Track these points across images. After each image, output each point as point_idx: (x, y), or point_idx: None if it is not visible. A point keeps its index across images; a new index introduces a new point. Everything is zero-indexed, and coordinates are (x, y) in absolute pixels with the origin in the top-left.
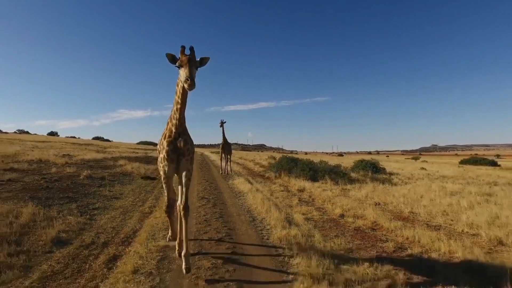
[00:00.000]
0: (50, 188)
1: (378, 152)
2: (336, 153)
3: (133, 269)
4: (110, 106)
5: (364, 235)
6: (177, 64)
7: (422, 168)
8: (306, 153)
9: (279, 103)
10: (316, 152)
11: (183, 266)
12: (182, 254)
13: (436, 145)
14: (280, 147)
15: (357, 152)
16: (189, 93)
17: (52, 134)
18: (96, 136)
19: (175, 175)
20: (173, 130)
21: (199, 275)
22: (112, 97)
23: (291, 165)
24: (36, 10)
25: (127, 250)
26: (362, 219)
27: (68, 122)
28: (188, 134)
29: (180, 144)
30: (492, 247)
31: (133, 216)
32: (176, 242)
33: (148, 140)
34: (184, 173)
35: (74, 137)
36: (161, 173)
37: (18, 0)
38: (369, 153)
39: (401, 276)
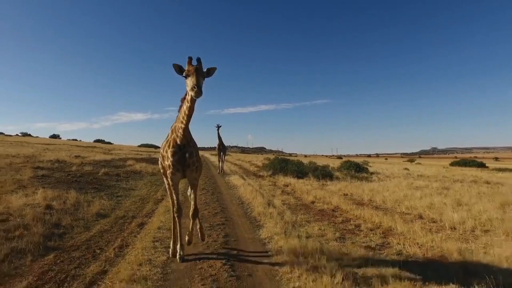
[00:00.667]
0: (78, 181)
1: (377, 155)
2: (336, 156)
3: (157, 226)
4: (110, 108)
5: (324, 214)
6: (184, 74)
7: (405, 169)
8: (305, 156)
9: (279, 106)
10: (316, 154)
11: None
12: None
13: (435, 148)
14: (280, 149)
15: (356, 155)
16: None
17: (54, 136)
18: (97, 138)
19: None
20: (177, 142)
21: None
22: (112, 99)
23: (282, 165)
24: (34, 11)
25: (150, 220)
26: (328, 204)
27: (69, 124)
28: (193, 144)
29: (185, 156)
30: (413, 219)
31: (150, 201)
32: (173, 245)
33: (150, 143)
34: (191, 182)
35: (75, 140)
36: (168, 180)
37: (17, 0)
38: (369, 155)
39: (337, 234)
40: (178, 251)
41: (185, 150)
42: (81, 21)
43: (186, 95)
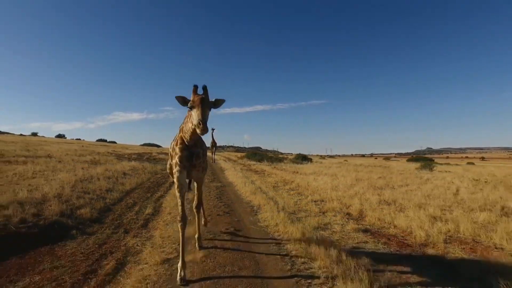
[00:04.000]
0: (143, 160)
1: (372, 155)
2: (328, 156)
3: None
4: (106, 108)
5: (259, 173)
6: (189, 105)
7: (345, 160)
8: (311, 158)
9: (275, 106)
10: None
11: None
12: (196, 237)
13: (431, 148)
14: (276, 149)
15: (352, 155)
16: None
17: (60, 136)
18: (99, 138)
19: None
20: (186, 142)
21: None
22: (107, 99)
23: (250, 156)
24: (26, 9)
25: None
26: (262, 170)
27: (64, 124)
28: (200, 144)
29: (193, 156)
30: (307, 175)
31: None
32: (181, 265)
33: (151, 142)
34: (196, 181)
35: (79, 139)
36: (175, 179)
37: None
38: (363, 155)
39: (260, 175)
40: (179, 271)
41: (192, 151)
42: (75, 19)
43: (192, 125)
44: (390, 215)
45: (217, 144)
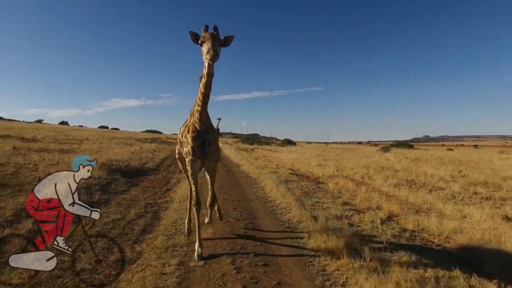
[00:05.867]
0: (158, 142)
1: (368, 142)
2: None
3: None
4: (103, 94)
5: (247, 151)
6: (199, 41)
7: (326, 144)
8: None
9: (272, 93)
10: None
11: (196, 253)
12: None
13: (428, 136)
14: (273, 136)
15: (349, 142)
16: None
17: (63, 123)
18: (101, 125)
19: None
20: (197, 127)
21: None
22: (104, 85)
23: (247, 140)
24: None
25: None
26: (252, 149)
27: (61, 111)
28: (212, 131)
29: (204, 144)
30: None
31: None
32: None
33: (153, 129)
34: (209, 172)
35: (81, 126)
36: (188, 168)
37: None
38: (360, 143)
39: (255, 156)
40: (197, 249)
41: (204, 137)
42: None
43: (203, 71)
44: (314, 170)
45: (219, 132)
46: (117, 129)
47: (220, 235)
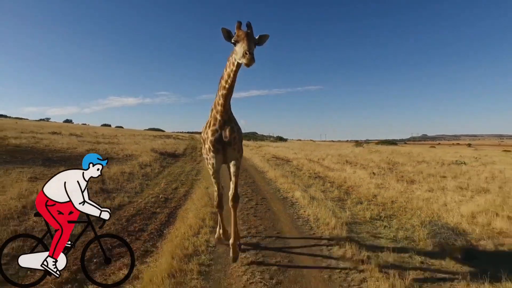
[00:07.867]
0: (171, 138)
1: (366, 140)
2: (321, 141)
3: None
4: (101, 93)
5: (245, 145)
6: (232, 40)
7: (312, 141)
8: (286, 139)
9: (271, 92)
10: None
11: (231, 255)
12: (230, 242)
13: (426, 134)
14: (271, 134)
15: (347, 141)
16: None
17: (68, 121)
18: (103, 123)
19: (223, 165)
20: (218, 118)
21: None
22: (101, 83)
23: (245, 137)
24: None
25: None
26: (255, 144)
27: (59, 109)
28: (235, 121)
29: (226, 132)
30: (273, 156)
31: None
32: (218, 230)
33: (155, 127)
34: (232, 163)
35: (85, 124)
36: (209, 166)
37: None
38: (357, 141)
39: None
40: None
41: (225, 126)
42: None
43: (225, 69)
44: (288, 156)
45: None
46: (121, 127)
47: None
